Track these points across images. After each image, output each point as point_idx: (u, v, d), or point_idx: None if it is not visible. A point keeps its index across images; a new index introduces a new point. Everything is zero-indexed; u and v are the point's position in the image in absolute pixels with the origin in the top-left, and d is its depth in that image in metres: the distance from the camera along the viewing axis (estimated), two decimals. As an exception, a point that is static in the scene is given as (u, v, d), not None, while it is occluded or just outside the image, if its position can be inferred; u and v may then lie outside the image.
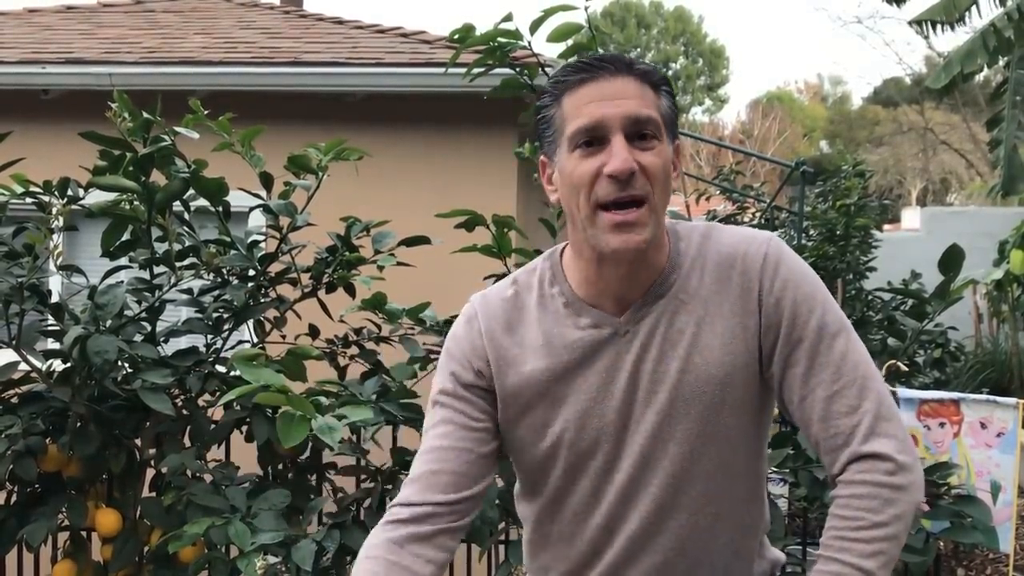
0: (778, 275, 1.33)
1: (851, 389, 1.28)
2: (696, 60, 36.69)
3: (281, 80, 5.53)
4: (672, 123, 1.32)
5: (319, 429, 1.80)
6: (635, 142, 1.27)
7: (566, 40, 2.54)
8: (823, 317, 1.31)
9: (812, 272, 1.36)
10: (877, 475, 1.25)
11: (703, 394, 1.32)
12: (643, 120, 1.27)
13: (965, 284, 2.53)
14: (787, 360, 1.32)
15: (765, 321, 1.32)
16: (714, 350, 1.32)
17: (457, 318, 1.46)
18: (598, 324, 1.36)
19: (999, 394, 4.08)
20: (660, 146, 1.28)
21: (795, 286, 1.32)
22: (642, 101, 1.28)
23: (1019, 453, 2.79)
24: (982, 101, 18.46)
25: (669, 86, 1.32)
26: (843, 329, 1.31)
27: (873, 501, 1.24)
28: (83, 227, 3.02)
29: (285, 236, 2.71)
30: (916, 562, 2.42)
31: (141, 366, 2.48)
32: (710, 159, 24.12)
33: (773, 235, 1.39)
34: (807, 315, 1.31)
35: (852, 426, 1.27)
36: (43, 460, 2.49)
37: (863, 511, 1.24)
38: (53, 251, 2.56)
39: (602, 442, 1.36)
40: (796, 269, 1.34)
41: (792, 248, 1.40)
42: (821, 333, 1.30)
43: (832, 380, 1.29)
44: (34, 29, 6.57)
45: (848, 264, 6.44)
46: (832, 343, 1.30)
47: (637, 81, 1.29)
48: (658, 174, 1.27)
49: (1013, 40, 8.19)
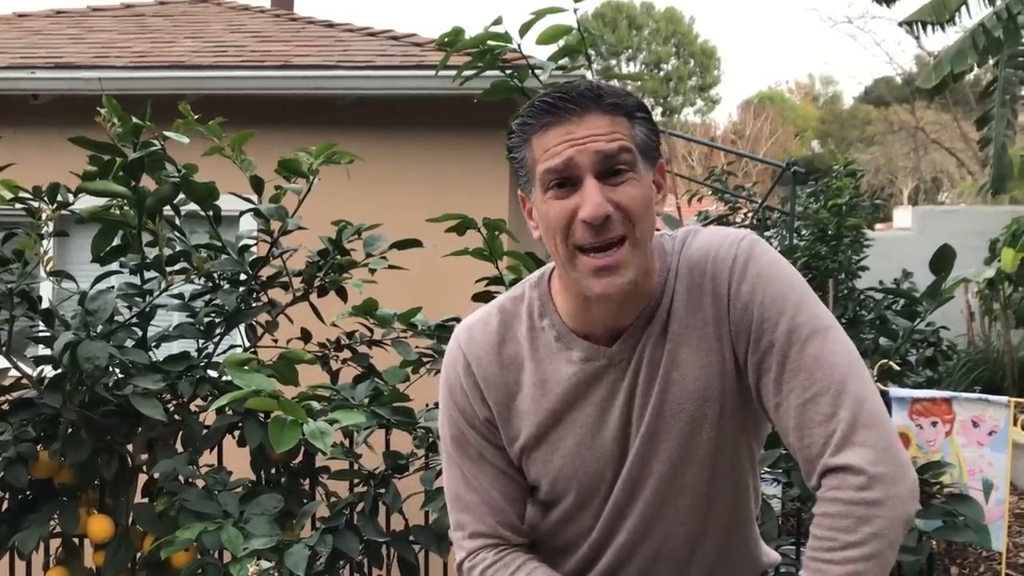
0: (746, 277, 1.27)
1: (825, 396, 1.21)
2: (687, 61, 36.75)
3: (271, 84, 5.52)
4: (650, 148, 1.28)
5: (311, 433, 1.79)
6: (608, 179, 1.22)
7: (556, 42, 2.54)
8: (794, 319, 1.24)
9: (788, 269, 1.29)
10: (848, 491, 1.17)
11: (682, 411, 1.29)
12: (613, 155, 1.22)
13: (957, 283, 2.54)
14: (759, 367, 1.26)
15: (734, 327, 1.27)
16: (690, 365, 1.29)
17: (447, 358, 1.43)
18: (591, 357, 1.33)
19: (991, 392, 4.09)
20: (636, 177, 1.24)
21: (764, 287, 1.26)
22: (611, 136, 1.23)
23: (1011, 451, 2.80)
24: (972, 100, 18.53)
25: (645, 111, 1.28)
26: (818, 330, 1.23)
27: (845, 520, 1.17)
28: (73, 232, 3.01)
29: (276, 240, 2.71)
30: (909, 561, 2.43)
31: (132, 372, 2.47)
32: (702, 160, 24.16)
33: (747, 233, 1.33)
34: (776, 317, 1.24)
35: (826, 436, 1.20)
36: (34, 467, 2.48)
37: (836, 531, 1.17)
38: (43, 257, 2.55)
39: (605, 472, 1.35)
40: (766, 269, 1.27)
41: (784, 248, 1.39)
42: (791, 336, 1.23)
43: (805, 386, 1.22)
44: (23, 34, 6.55)
45: (840, 264, 6.45)
46: (804, 347, 1.23)
47: (606, 115, 1.23)
48: (636, 208, 1.23)
49: (1002, 39, 8.23)
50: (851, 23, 36.34)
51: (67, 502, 2.56)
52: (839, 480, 1.18)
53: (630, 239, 1.23)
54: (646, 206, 1.24)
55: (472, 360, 1.39)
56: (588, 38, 2.57)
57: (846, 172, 7.19)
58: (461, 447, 1.42)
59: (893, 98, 26.84)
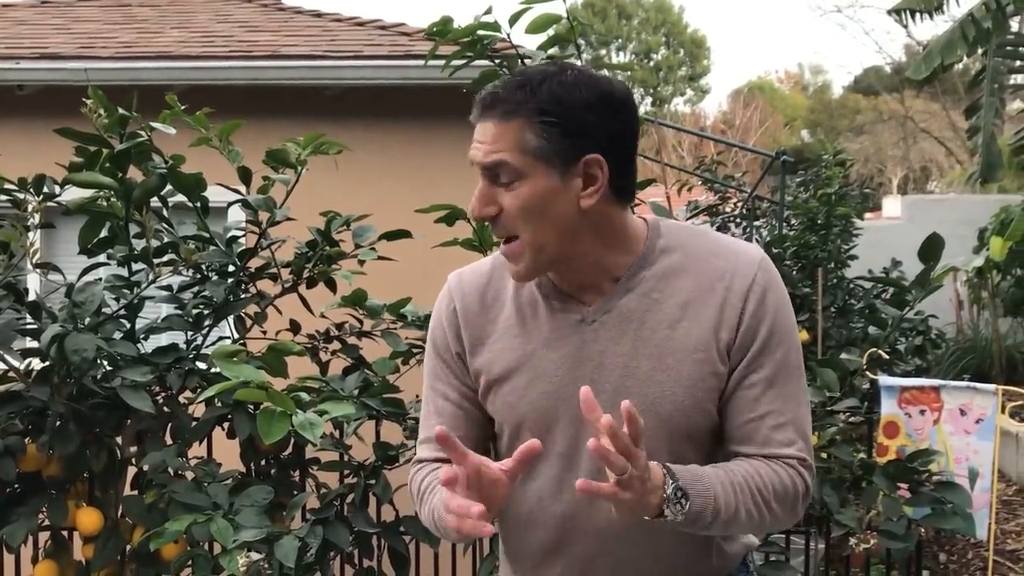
0: (765, 301, 1.37)
1: (792, 426, 1.38)
2: (677, 50, 36.70)
3: (259, 74, 5.48)
4: (557, 150, 1.29)
5: (300, 425, 1.79)
6: (497, 182, 1.31)
7: (545, 31, 2.54)
8: (788, 354, 1.38)
9: (790, 306, 1.42)
10: (800, 488, 1.37)
11: (674, 395, 1.35)
12: (491, 166, 1.30)
13: (945, 272, 2.55)
14: (742, 382, 1.37)
15: (740, 340, 1.36)
16: (687, 353, 1.36)
17: (438, 299, 1.52)
18: (567, 310, 1.40)
19: (980, 380, 4.11)
20: (521, 186, 1.30)
21: (775, 317, 1.37)
22: (494, 146, 1.30)
23: (998, 439, 2.81)
24: (961, 89, 18.59)
25: (552, 114, 1.28)
26: (798, 368, 1.40)
27: (787, 496, 1.36)
28: (60, 224, 3.00)
29: (264, 231, 2.70)
30: (898, 548, 2.44)
31: (120, 364, 2.46)
32: (692, 149, 24.15)
33: (764, 255, 1.42)
34: (776, 347, 1.37)
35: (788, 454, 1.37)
36: (22, 460, 2.47)
37: (773, 495, 1.34)
38: (29, 249, 2.53)
39: (566, 428, 1.39)
40: (781, 299, 1.39)
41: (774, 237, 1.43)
42: (783, 369, 1.37)
43: (780, 412, 1.37)
44: (8, 24, 6.49)
45: (829, 253, 6.45)
46: (788, 379, 1.38)
47: (496, 122, 1.30)
48: (517, 214, 1.31)
49: (991, 29, 8.23)
50: (840, 12, 36.44)
51: (56, 495, 2.55)
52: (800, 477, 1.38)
53: (521, 239, 1.33)
54: (531, 212, 1.31)
55: (457, 297, 1.48)
56: (577, 27, 2.56)
57: (835, 161, 7.19)
58: (432, 380, 1.51)
59: (882, 87, 26.89)
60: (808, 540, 2.94)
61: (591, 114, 1.30)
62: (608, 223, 1.36)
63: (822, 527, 2.86)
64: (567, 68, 1.34)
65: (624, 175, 1.35)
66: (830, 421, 2.63)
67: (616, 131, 1.33)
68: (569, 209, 1.32)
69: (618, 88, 1.34)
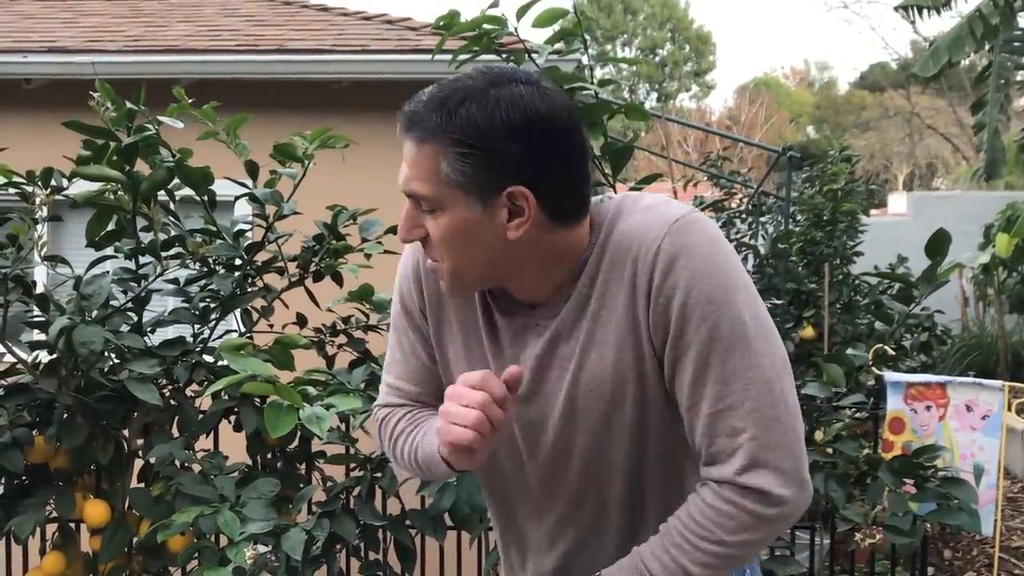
0: (673, 271, 1.16)
1: (737, 411, 1.16)
2: (683, 46, 36.62)
3: (266, 68, 5.49)
4: (472, 184, 1.16)
5: (307, 418, 1.79)
6: (421, 208, 1.21)
7: (552, 25, 2.53)
8: (717, 326, 1.16)
9: (722, 264, 1.18)
10: (747, 502, 1.16)
11: (602, 391, 1.24)
12: (410, 195, 1.20)
13: (952, 268, 2.54)
14: (675, 366, 1.20)
15: (654, 320, 1.19)
16: (608, 345, 1.23)
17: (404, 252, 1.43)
18: (511, 313, 1.31)
19: (985, 377, 4.10)
20: (441, 216, 1.18)
21: (689, 286, 1.16)
22: (412, 172, 1.19)
23: (1004, 436, 2.81)
24: (967, 85, 18.51)
25: (470, 142, 1.14)
26: (740, 339, 1.16)
27: (731, 522, 1.17)
28: (67, 217, 3.00)
29: (271, 225, 2.70)
30: (904, 544, 2.44)
31: (128, 356, 2.47)
32: (697, 145, 24.11)
33: (682, 215, 1.20)
34: (699, 322, 1.16)
35: (733, 449, 1.17)
36: (30, 452, 2.48)
37: (716, 527, 1.18)
38: (37, 241, 2.54)
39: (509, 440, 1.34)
40: (696, 264, 1.16)
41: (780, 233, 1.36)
42: (712, 344, 1.16)
43: (717, 397, 1.17)
44: (15, 17, 6.50)
45: (835, 249, 6.44)
46: (725, 356, 1.16)
47: (413, 144, 1.18)
48: (438, 243, 1.21)
49: (999, 25, 8.21)
50: (847, 8, 36.35)
51: (63, 487, 2.56)
52: (739, 493, 1.17)
53: (444, 263, 1.23)
54: (455, 241, 1.20)
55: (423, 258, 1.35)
56: (584, 22, 2.56)
57: (841, 157, 7.18)
58: (397, 333, 1.45)
59: (888, 83, 26.82)
60: (813, 535, 2.94)
61: (515, 142, 1.14)
62: (546, 247, 1.21)
63: (827, 522, 2.86)
64: (496, 83, 1.17)
65: (562, 199, 1.19)
66: (836, 416, 2.63)
67: (548, 157, 1.16)
68: (495, 241, 1.19)
69: (553, 107, 1.17)
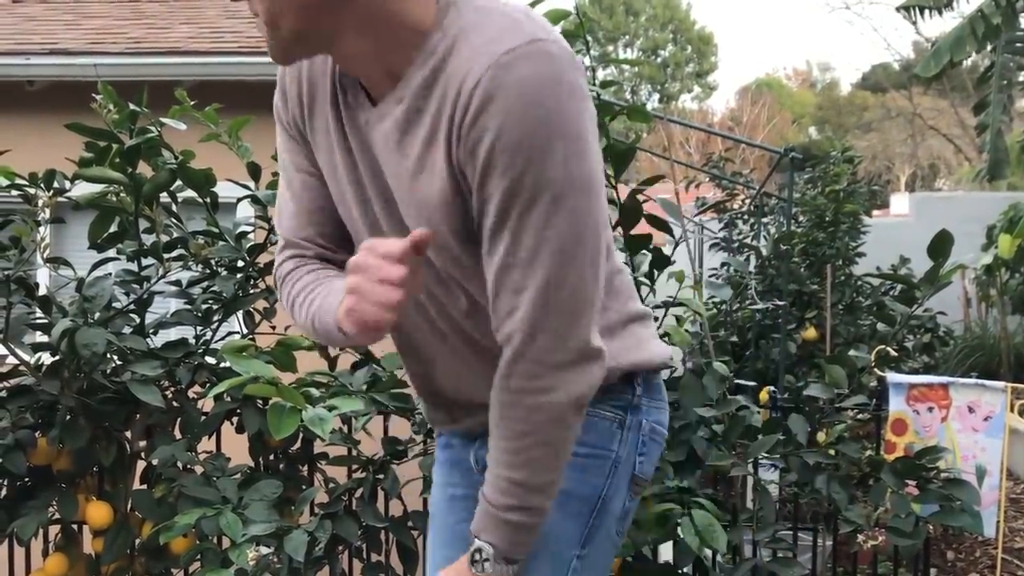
0: (485, 112, 1.06)
1: (521, 269, 1.11)
2: (685, 47, 36.67)
3: (269, 69, 5.45)
4: None
5: (310, 420, 1.79)
6: None
7: (554, 26, 2.54)
8: (521, 178, 1.07)
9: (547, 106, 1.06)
10: (519, 380, 1.15)
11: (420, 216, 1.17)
12: None
13: (954, 269, 2.54)
14: (480, 210, 1.13)
15: (461, 158, 1.11)
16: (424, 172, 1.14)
17: None
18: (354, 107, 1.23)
19: (988, 378, 4.10)
20: None
21: (499, 131, 1.06)
22: None
23: (1007, 437, 2.81)
24: (970, 86, 18.51)
25: None
26: (545, 197, 1.08)
27: (515, 410, 1.16)
28: (70, 219, 3.00)
29: (273, 227, 2.70)
30: (906, 545, 2.43)
31: (130, 358, 2.47)
32: (699, 146, 24.11)
33: (519, 44, 1.07)
34: (503, 170, 1.07)
35: (510, 308, 1.14)
36: (33, 454, 2.48)
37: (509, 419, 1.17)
38: (40, 243, 2.54)
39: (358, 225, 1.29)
40: (513, 106, 1.05)
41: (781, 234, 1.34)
42: (513, 198, 1.08)
43: (508, 251, 1.11)
44: (18, 20, 6.51)
45: (837, 250, 6.44)
46: (524, 211, 1.09)
47: None
48: None
49: (1001, 26, 8.21)
50: (848, 9, 36.36)
51: (66, 489, 2.56)
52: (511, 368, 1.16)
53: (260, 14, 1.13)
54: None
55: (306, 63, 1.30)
56: (586, 23, 2.56)
57: (843, 158, 7.18)
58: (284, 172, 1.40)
59: (890, 84, 26.83)
60: (816, 537, 2.94)
61: None
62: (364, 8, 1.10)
63: (830, 524, 2.86)
64: None
65: None
66: (838, 418, 2.63)
67: None
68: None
69: None
